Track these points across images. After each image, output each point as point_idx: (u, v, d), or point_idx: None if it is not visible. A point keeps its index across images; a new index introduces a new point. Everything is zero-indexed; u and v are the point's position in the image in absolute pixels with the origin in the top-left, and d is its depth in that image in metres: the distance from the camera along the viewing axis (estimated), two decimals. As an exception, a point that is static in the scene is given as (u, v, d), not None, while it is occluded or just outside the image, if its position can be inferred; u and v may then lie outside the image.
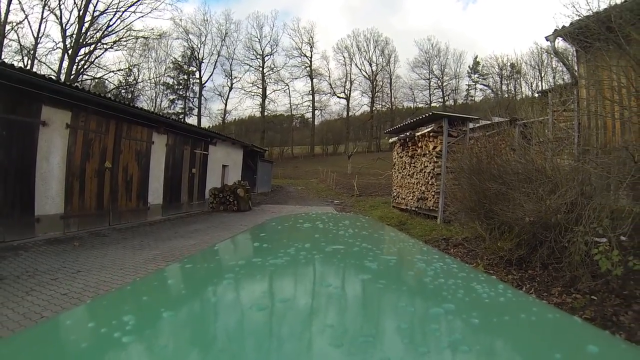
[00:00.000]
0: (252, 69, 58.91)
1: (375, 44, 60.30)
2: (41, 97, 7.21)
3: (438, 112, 8.73)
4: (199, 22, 53.91)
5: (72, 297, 4.09)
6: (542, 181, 3.86)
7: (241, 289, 0.85)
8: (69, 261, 5.75)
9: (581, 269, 3.37)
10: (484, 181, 4.32)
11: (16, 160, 6.84)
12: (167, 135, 11.21)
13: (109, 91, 35.91)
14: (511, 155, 4.48)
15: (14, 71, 6.58)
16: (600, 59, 6.07)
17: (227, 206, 13.76)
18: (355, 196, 20.17)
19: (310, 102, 61.11)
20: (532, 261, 3.96)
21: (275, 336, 0.61)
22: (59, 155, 7.67)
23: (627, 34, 4.91)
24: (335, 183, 27.48)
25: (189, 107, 54.80)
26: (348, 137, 58.64)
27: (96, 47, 31.43)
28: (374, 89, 60.30)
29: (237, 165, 17.17)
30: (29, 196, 7.09)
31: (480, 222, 4.39)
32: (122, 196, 9.52)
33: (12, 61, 26.14)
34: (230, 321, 0.68)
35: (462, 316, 0.69)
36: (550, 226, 3.55)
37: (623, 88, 5.78)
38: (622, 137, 5.56)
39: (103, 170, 8.83)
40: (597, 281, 3.25)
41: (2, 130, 6.59)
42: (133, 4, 31.03)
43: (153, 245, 7.19)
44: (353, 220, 1.92)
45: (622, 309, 3.11)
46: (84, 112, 8.20)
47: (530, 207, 3.64)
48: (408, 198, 10.68)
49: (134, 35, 33.51)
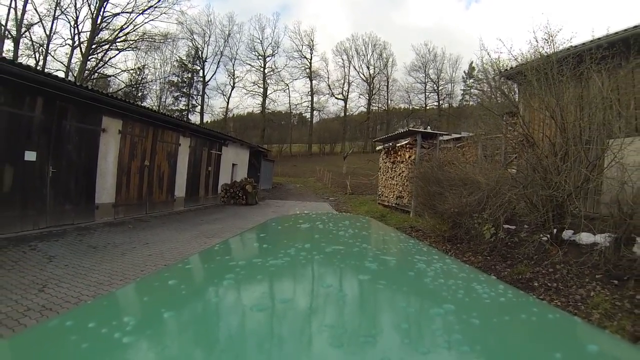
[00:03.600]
0: (254, 69, 60.86)
1: (373, 48, 62.36)
2: (102, 109, 9.25)
3: (413, 129, 10.98)
4: (203, 23, 55.63)
5: (157, 257, 6.17)
6: (465, 186, 5.99)
7: (241, 290, 0.83)
8: (134, 237, 7.82)
9: (481, 240, 5.53)
10: (429, 185, 6.45)
11: (84, 160, 8.88)
12: (190, 138, 13.30)
13: (120, 89, 37.78)
14: (449, 167, 6.61)
15: (86, 91, 8.66)
16: (532, 94, 8.16)
17: (237, 200, 15.87)
18: (348, 194, 22.40)
19: (309, 103, 63.22)
20: (458, 237, 6.12)
21: (275, 336, 0.61)
22: (113, 155, 9.73)
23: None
24: (330, 182, 29.73)
25: (192, 104, 56.72)
26: (345, 137, 60.71)
27: (110, 48, 33.22)
28: (371, 92, 62.40)
29: (244, 164, 19.28)
30: (92, 188, 9.14)
31: (428, 213, 6.51)
32: (156, 189, 11.61)
33: (25, 57, 27.74)
34: (231, 321, 0.68)
35: (462, 316, 0.69)
36: (465, 214, 5.68)
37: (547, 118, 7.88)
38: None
39: (143, 167, 10.90)
40: (487, 246, 5.42)
41: (75, 136, 8.63)
42: (145, 10, 32.84)
43: (190, 228, 9.29)
44: (352, 220, 1.99)
45: (499, 262, 5.27)
46: (131, 121, 10.28)
47: (454, 202, 5.76)
48: (390, 196, 12.91)
49: (143, 37, 35.39)
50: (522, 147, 5.27)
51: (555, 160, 4.55)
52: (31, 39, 30.22)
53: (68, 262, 5.59)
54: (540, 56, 5.68)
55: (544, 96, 5.09)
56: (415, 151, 10.53)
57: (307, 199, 20.79)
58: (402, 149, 11.47)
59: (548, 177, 4.50)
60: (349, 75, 63.18)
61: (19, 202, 7.23)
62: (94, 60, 33.47)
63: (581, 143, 4.62)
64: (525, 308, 0.85)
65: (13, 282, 4.52)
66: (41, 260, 5.66)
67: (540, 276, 4.45)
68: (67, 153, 8.36)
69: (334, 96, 63.77)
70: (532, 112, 8.17)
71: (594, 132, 4.70)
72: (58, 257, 5.87)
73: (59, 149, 8.10)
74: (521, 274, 4.57)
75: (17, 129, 7.14)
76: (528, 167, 4.94)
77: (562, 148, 4.60)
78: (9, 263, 5.35)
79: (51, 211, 7.98)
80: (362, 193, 22.56)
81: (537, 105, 5.62)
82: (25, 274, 4.91)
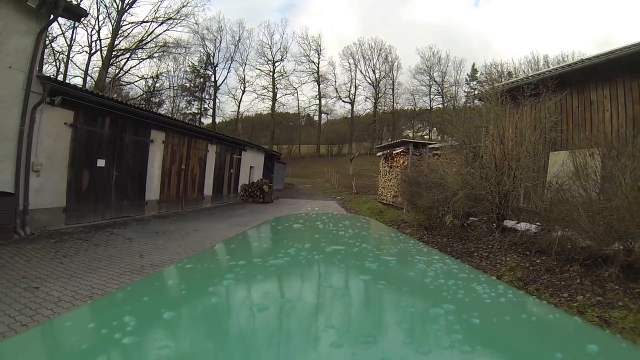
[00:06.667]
0: (263, 73, 62.75)
1: (378, 52, 63.90)
2: (150, 124, 11.41)
3: (406, 140, 13.14)
4: (214, 29, 57.38)
5: (209, 239, 8.24)
6: (438, 187, 8.02)
7: (241, 290, 0.85)
8: (182, 226, 9.94)
9: (443, 227, 7.58)
10: (411, 186, 8.50)
11: (137, 165, 11.03)
12: (216, 145, 15.49)
13: (139, 96, 40.18)
14: (427, 173, 8.65)
15: (140, 110, 10.86)
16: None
17: (255, 198, 18.02)
18: (354, 194, 24.56)
19: (317, 106, 65.22)
20: (431, 225, 8.18)
21: (275, 336, 0.62)
22: (158, 161, 11.89)
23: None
24: (338, 183, 32.08)
25: (204, 107, 58.84)
26: (352, 139, 62.66)
27: (130, 57, 35.60)
28: (377, 95, 64.12)
29: (260, 166, 21.49)
30: (143, 188, 11.29)
31: (410, 207, 8.55)
32: (190, 189, 13.79)
33: (47, 65, 29.43)
34: (231, 321, 0.68)
35: (462, 316, 0.70)
36: (434, 208, 7.72)
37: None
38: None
39: (180, 171, 13.07)
40: (449, 231, 7.47)
41: (132, 146, 10.79)
42: (165, 21, 35.20)
43: (224, 220, 11.43)
44: (353, 220, 2.03)
45: (456, 242, 7.29)
46: (172, 132, 12.44)
47: (428, 199, 7.80)
48: (387, 195, 15.04)
49: (163, 47, 37.79)
50: (473, 158, 7.21)
51: (491, 169, 6.56)
52: (52, 48, 32.21)
53: (145, 241, 7.68)
54: (490, 87, 7.69)
55: (490, 119, 7.06)
56: (407, 158, 12.62)
57: (317, 198, 23.02)
58: (397, 155, 13.63)
59: (481, 182, 6.52)
60: (355, 79, 64.94)
61: (92, 199, 9.35)
62: (113, 68, 35.64)
63: (511, 158, 6.60)
64: (525, 308, 0.87)
65: (117, 253, 6.56)
66: (124, 240, 7.74)
67: (480, 250, 6.45)
68: (126, 160, 10.50)
69: (341, 99, 65.64)
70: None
71: (522, 149, 6.67)
72: (135, 238, 7.95)
73: (120, 157, 10.23)
74: (468, 248, 6.59)
75: (92, 142, 9.26)
76: (475, 174, 6.91)
77: (497, 160, 6.59)
78: (102, 243, 7.41)
79: (114, 206, 10.12)
80: (366, 193, 24.67)
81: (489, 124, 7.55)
82: (119, 249, 6.95)
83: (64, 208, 8.34)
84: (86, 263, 5.72)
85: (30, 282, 4.62)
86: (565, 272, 4.54)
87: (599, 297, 3.83)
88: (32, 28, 7.14)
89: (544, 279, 4.60)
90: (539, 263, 5.15)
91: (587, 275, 4.28)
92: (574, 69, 7.27)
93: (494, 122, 6.77)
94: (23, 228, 7.07)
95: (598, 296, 3.85)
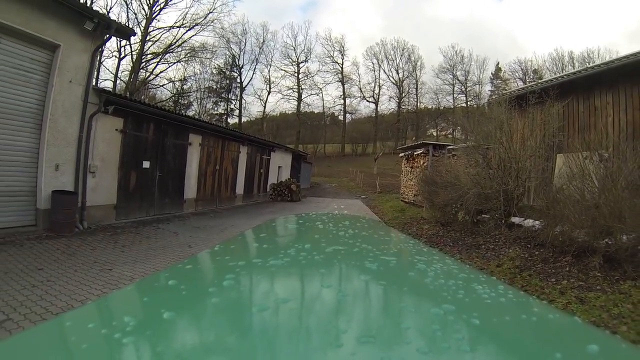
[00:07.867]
0: (288, 74, 64.28)
1: (401, 52, 64.14)
2: (188, 128, 12.47)
3: (426, 142, 13.77)
4: (239, 32, 58.75)
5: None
6: (453, 186, 8.66)
7: (242, 290, 0.86)
8: (219, 222, 10.93)
9: (457, 222, 8.23)
10: (429, 185, 9.16)
11: (177, 166, 12.11)
12: (247, 146, 16.54)
13: (168, 99, 41.95)
14: (444, 172, 9.29)
15: (180, 116, 11.93)
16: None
17: (283, 197, 18.98)
18: (377, 193, 25.22)
19: (342, 106, 66.02)
20: (446, 221, 8.84)
21: (276, 336, 0.62)
22: (195, 162, 12.96)
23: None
24: (362, 182, 32.92)
25: (230, 108, 60.46)
26: (376, 139, 63.18)
27: (160, 62, 37.26)
28: (400, 94, 64.36)
29: (288, 166, 22.52)
30: (181, 187, 12.37)
31: (428, 205, 9.22)
32: (223, 188, 14.86)
33: None
34: (231, 322, 0.69)
35: (462, 316, 0.70)
36: (448, 205, 8.38)
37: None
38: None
39: (215, 171, 14.14)
40: (462, 226, 8.11)
41: (172, 149, 11.88)
42: (192, 27, 36.69)
43: (257, 216, 12.38)
44: (353, 220, 2.08)
45: (468, 236, 7.92)
46: (207, 135, 13.51)
47: (443, 197, 8.45)
48: (409, 194, 15.70)
49: (192, 52, 39.39)
50: (482, 160, 7.80)
51: (496, 170, 7.18)
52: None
53: (190, 234, 8.68)
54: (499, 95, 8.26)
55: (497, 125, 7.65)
56: (427, 159, 13.24)
57: (342, 196, 23.84)
58: (418, 157, 14.28)
59: (488, 182, 7.14)
60: (379, 79, 65.55)
61: (138, 197, 10.44)
62: (142, 72, 37.18)
63: (514, 160, 7.18)
64: (525, 308, 0.87)
65: (168, 244, 7.54)
66: (170, 234, 8.74)
67: (487, 243, 7.07)
68: (167, 162, 11.58)
69: (365, 99, 66.34)
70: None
71: (526, 151, 7.24)
72: (179, 232, 8.96)
73: (162, 159, 11.31)
74: (477, 242, 7.23)
75: (138, 145, 10.34)
76: (483, 174, 7.52)
77: (502, 161, 7.20)
78: (152, 235, 8.41)
79: (157, 204, 11.21)
80: (389, 192, 25.26)
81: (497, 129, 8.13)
82: (168, 241, 7.93)
83: (114, 205, 9.42)
84: (144, 252, 6.71)
85: (102, 265, 5.59)
86: (557, 262, 5.14)
87: (581, 282, 4.44)
88: (88, 47, 8.16)
89: (538, 267, 5.23)
90: (537, 254, 5.76)
91: (575, 264, 4.88)
92: (579, 76, 7.77)
93: (500, 127, 7.33)
94: (81, 222, 8.13)
95: (580, 281, 4.47)
